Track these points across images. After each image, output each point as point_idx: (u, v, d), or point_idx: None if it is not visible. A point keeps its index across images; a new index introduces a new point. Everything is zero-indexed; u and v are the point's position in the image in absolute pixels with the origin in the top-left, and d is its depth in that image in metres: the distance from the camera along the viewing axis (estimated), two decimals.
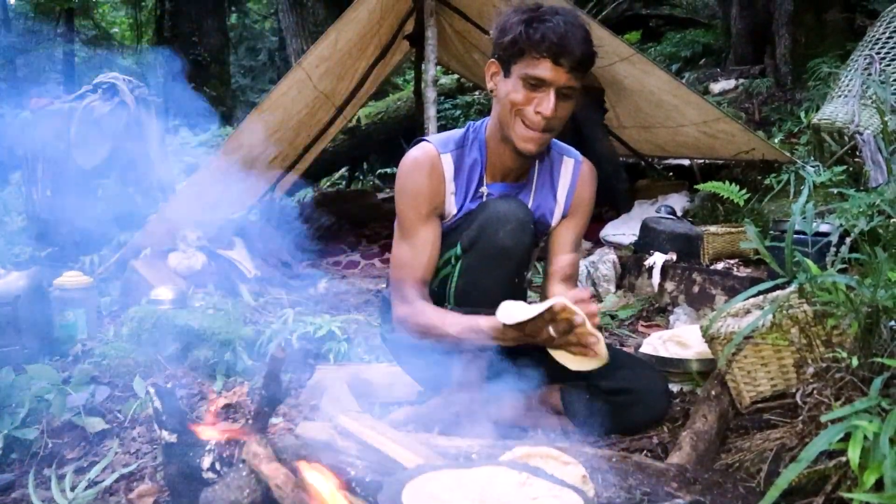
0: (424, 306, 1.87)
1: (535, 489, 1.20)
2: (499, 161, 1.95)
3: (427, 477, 1.21)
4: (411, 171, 1.92)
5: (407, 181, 1.92)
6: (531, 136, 1.81)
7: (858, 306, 1.65)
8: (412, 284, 1.90)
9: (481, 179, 1.96)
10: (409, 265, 1.91)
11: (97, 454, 2.16)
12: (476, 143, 1.96)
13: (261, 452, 1.25)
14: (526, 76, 1.76)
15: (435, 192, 1.92)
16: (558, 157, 2.05)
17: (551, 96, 1.76)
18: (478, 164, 1.95)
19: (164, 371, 2.59)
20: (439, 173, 1.92)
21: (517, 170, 1.97)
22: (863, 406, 1.43)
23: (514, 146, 1.85)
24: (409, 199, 1.91)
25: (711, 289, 3.08)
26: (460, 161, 1.94)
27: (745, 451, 1.77)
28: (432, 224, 1.93)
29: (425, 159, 1.92)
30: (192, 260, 3.51)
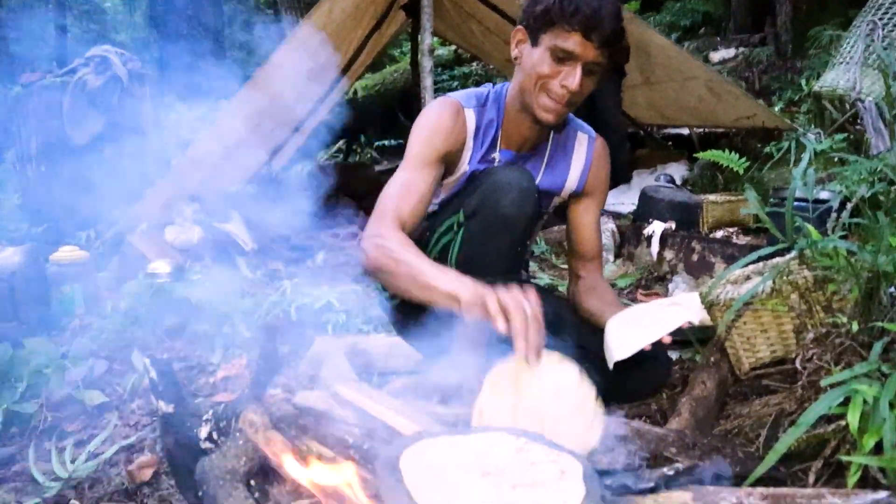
0: (402, 237, 1.73)
1: (533, 454, 1.19)
2: (515, 129, 1.94)
3: (424, 444, 1.20)
4: (437, 111, 1.89)
5: (429, 118, 1.89)
6: (553, 107, 1.80)
7: (859, 271, 1.64)
8: (395, 217, 1.78)
9: (494, 143, 1.94)
10: (400, 195, 1.81)
11: (97, 427, 2.16)
12: (495, 106, 1.94)
13: (257, 421, 1.24)
14: (554, 48, 1.74)
15: (455, 137, 1.89)
16: (573, 133, 2.05)
17: (578, 71, 1.74)
18: (493, 126, 1.94)
19: (162, 344, 2.59)
20: (462, 123, 1.90)
21: (532, 139, 1.96)
22: (863, 370, 1.42)
23: (534, 115, 1.83)
24: (429, 133, 1.87)
25: (711, 257, 3.07)
26: (480, 119, 1.93)
27: (744, 417, 1.77)
28: (438, 168, 1.88)
29: (452, 106, 1.89)
30: (188, 234, 3.49)
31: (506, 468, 1.15)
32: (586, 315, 2.01)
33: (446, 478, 1.11)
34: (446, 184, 1.99)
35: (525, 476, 1.14)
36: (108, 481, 1.86)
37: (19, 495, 1.83)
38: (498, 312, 1.43)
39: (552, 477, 1.14)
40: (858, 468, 1.37)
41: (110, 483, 1.85)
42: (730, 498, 1.25)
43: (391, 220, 1.77)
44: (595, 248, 2.13)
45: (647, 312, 1.86)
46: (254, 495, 1.16)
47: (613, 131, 4.47)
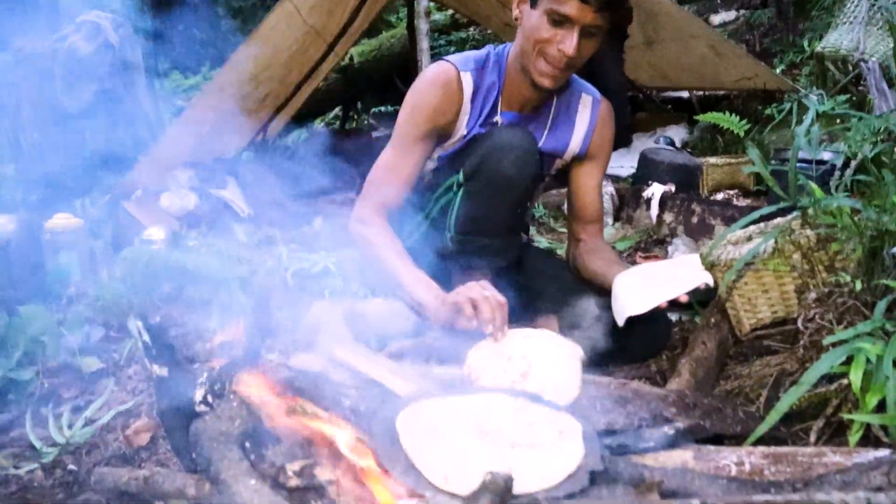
0: (383, 228, 1.88)
1: (532, 415, 1.18)
2: (516, 90, 1.90)
3: (422, 405, 1.19)
4: (424, 86, 1.89)
5: (417, 94, 1.89)
6: (550, 72, 1.78)
7: (863, 230, 1.62)
8: (380, 200, 1.90)
9: (496, 106, 1.91)
10: (385, 178, 1.90)
11: (93, 393, 2.15)
12: (496, 68, 1.91)
13: (251, 382, 1.23)
14: (551, 11, 1.70)
15: (443, 112, 1.87)
16: (577, 94, 2.01)
17: (574, 35, 1.70)
18: (494, 89, 1.90)
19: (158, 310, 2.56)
20: (455, 92, 1.87)
21: (533, 101, 1.93)
22: (866, 328, 1.41)
23: (532, 79, 1.81)
24: (412, 111, 1.88)
25: (711, 219, 3.04)
26: (479, 81, 1.90)
27: (745, 378, 1.76)
28: (425, 145, 1.89)
29: (442, 76, 1.87)
30: (184, 200, 3.46)
31: (504, 428, 1.14)
32: (589, 276, 1.99)
33: (443, 438, 1.09)
34: (445, 147, 1.95)
35: (523, 436, 1.12)
36: (105, 446, 1.86)
37: (17, 461, 1.83)
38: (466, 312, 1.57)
39: (551, 437, 1.12)
40: (860, 427, 1.36)
41: (108, 448, 1.84)
42: (731, 457, 1.24)
43: (375, 206, 1.88)
44: (597, 212, 2.11)
45: (657, 271, 1.84)
46: (249, 457, 1.14)
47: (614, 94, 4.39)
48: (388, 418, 1.13)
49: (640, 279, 1.82)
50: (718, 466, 1.21)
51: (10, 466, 1.78)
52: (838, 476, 1.11)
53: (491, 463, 0.95)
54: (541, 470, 1.03)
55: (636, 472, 1.12)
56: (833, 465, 1.20)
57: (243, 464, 1.09)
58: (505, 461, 1.04)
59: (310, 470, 1.08)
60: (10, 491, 1.67)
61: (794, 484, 1.11)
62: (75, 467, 1.77)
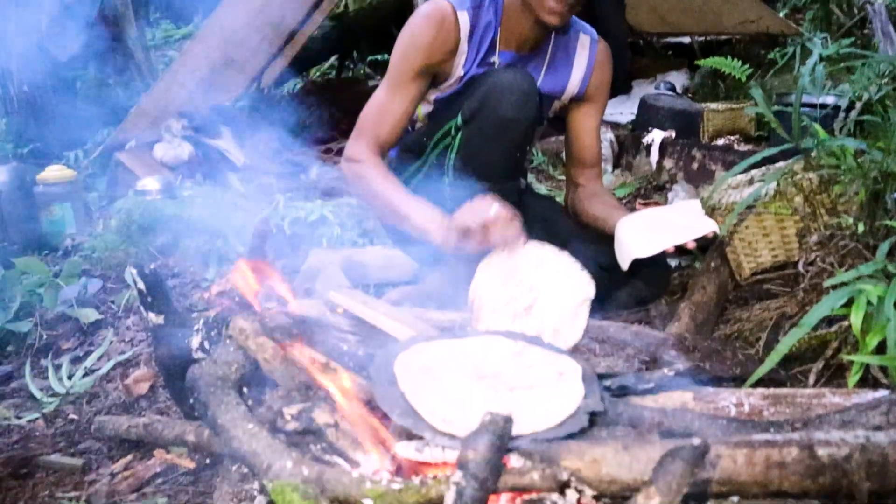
0: (378, 165, 1.82)
1: (531, 357, 1.17)
2: (515, 28, 1.85)
3: (419, 348, 1.18)
4: (419, 22, 1.82)
5: (411, 31, 1.83)
6: (559, 9, 1.72)
7: (867, 171, 1.60)
8: (372, 138, 1.83)
9: (493, 45, 1.86)
10: (378, 117, 1.84)
11: (92, 344, 2.15)
12: (492, 6, 1.85)
13: (248, 328, 1.22)
14: None
15: (438, 49, 1.81)
16: (575, 34, 1.97)
17: None
18: (491, 28, 1.85)
19: (155, 261, 2.55)
20: (451, 30, 1.81)
21: (532, 40, 1.88)
22: (867, 270, 1.39)
23: (538, 17, 1.76)
24: (406, 48, 1.82)
25: (711, 165, 3.01)
26: (476, 21, 1.84)
27: (744, 321, 1.76)
28: (419, 83, 1.84)
29: (437, 13, 1.81)
30: (178, 150, 3.41)
31: (503, 371, 1.13)
32: (588, 221, 1.97)
33: (441, 381, 1.09)
34: (441, 89, 1.91)
35: (522, 378, 1.12)
36: (105, 396, 1.86)
37: (18, 411, 1.83)
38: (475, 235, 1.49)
39: (550, 379, 1.12)
40: (860, 368, 1.36)
41: (108, 397, 1.85)
42: (730, 398, 1.24)
43: (369, 144, 1.82)
44: (595, 155, 2.08)
45: (660, 217, 1.81)
46: (246, 402, 1.14)
47: (614, 39, 4.31)
48: (387, 362, 1.12)
49: (644, 224, 1.79)
50: (718, 407, 1.21)
51: (12, 417, 1.78)
52: (837, 416, 1.10)
53: (490, 405, 0.94)
54: (540, 411, 1.03)
55: (636, 414, 1.12)
56: (832, 405, 1.20)
57: (241, 408, 1.08)
58: (504, 403, 1.04)
59: (308, 413, 1.07)
60: (12, 440, 1.68)
61: (794, 424, 1.11)
62: (76, 416, 1.77)
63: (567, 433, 1.02)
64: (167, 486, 1.40)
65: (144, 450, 1.51)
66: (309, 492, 0.94)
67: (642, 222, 1.80)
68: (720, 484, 0.95)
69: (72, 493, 1.44)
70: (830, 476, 0.94)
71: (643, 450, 0.97)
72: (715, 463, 0.94)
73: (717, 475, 0.94)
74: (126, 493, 1.40)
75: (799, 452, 0.94)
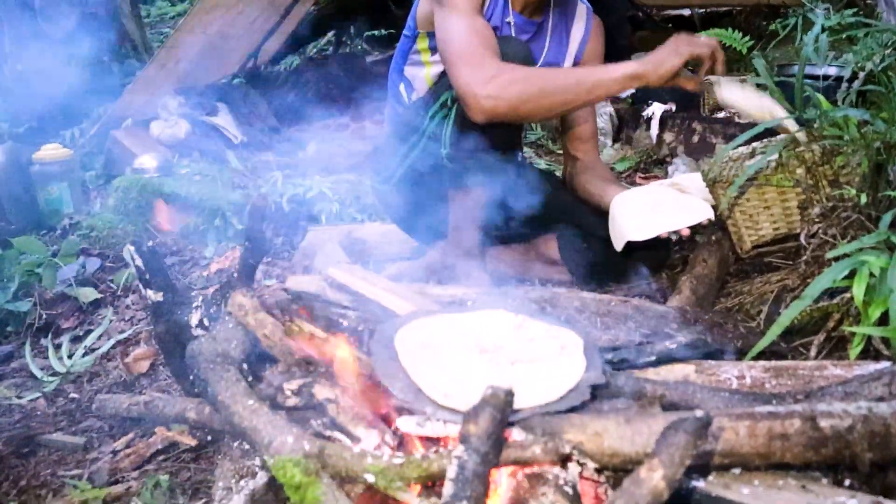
0: (518, 66, 1.61)
1: (532, 331, 1.16)
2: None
3: (420, 323, 1.18)
4: None
5: None
6: None
7: (870, 142, 1.58)
8: (489, 51, 1.61)
9: (507, 5, 1.83)
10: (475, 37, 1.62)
11: (92, 323, 2.15)
12: None
13: (247, 304, 1.21)
14: None
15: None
16: (573, 3, 1.95)
17: None
18: None
19: (153, 239, 2.54)
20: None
21: (533, 4, 1.85)
22: (870, 241, 1.38)
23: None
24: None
25: (712, 138, 2.99)
26: None
27: (745, 294, 1.75)
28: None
29: None
30: (174, 128, 3.39)
31: (504, 345, 1.12)
32: (585, 196, 1.96)
33: (442, 355, 1.08)
34: None
35: (524, 352, 1.11)
36: (105, 374, 1.86)
37: (19, 390, 1.83)
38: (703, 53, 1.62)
39: (552, 352, 1.11)
40: (861, 340, 1.35)
41: (108, 376, 1.85)
42: (732, 371, 1.23)
43: (491, 58, 1.60)
44: (591, 126, 2.06)
45: (658, 196, 1.80)
46: (247, 378, 1.13)
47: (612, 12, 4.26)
48: (387, 337, 1.12)
49: (640, 202, 1.78)
50: (720, 380, 1.20)
51: (13, 396, 1.78)
52: (839, 388, 1.10)
53: (491, 379, 0.93)
54: (542, 385, 1.02)
55: (638, 386, 1.12)
56: (834, 377, 1.19)
57: (241, 384, 1.08)
58: (506, 377, 1.03)
59: (308, 389, 1.07)
60: (13, 420, 1.68)
61: (796, 396, 1.11)
62: (77, 395, 1.77)
63: (569, 406, 1.01)
64: (169, 464, 1.40)
65: (145, 427, 1.51)
66: (310, 467, 0.94)
67: (639, 200, 1.78)
68: (723, 456, 0.94)
69: (74, 471, 1.44)
70: (833, 447, 0.93)
71: (645, 423, 0.97)
72: (717, 435, 0.93)
73: (720, 447, 0.94)
74: (128, 471, 1.40)
75: (801, 424, 0.94)
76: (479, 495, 0.82)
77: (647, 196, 1.82)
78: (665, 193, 1.83)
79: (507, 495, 0.94)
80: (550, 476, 0.91)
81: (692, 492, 0.94)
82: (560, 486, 0.89)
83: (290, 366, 1.13)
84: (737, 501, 0.91)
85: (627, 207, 1.76)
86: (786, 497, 0.91)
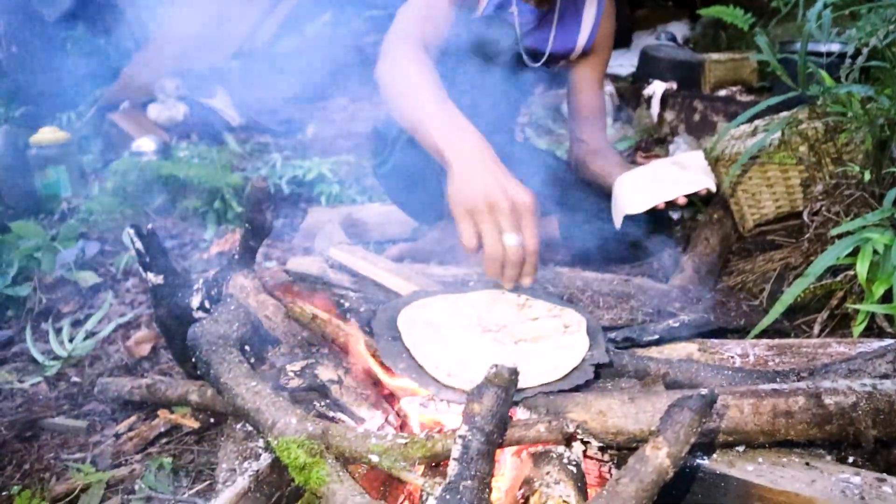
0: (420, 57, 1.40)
1: (535, 310, 1.16)
2: None
3: (422, 303, 1.17)
4: None
5: None
6: None
7: (874, 118, 1.57)
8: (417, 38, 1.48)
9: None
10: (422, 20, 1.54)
11: (92, 307, 2.14)
12: None
13: (248, 285, 1.20)
14: None
15: None
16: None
17: None
18: None
19: (153, 222, 2.53)
20: None
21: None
22: (874, 218, 1.37)
23: None
24: None
25: (713, 116, 2.97)
26: None
27: (748, 273, 1.74)
28: None
29: None
30: (172, 111, 3.37)
31: (507, 324, 1.12)
32: (590, 177, 1.95)
33: (445, 335, 1.08)
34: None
35: (527, 331, 1.10)
36: (107, 358, 1.86)
37: (21, 375, 1.83)
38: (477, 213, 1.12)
39: (555, 331, 1.11)
40: (865, 317, 1.35)
41: (110, 359, 1.85)
42: (735, 349, 1.23)
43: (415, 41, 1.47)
44: (598, 109, 2.05)
45: (658, 172, 1.79)
46: (249, 360, 1.13)
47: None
48: (389, 317, 1.11)
49: (641, 180, 1.77)
50: (723, 358, 1.20)
51: (14, 381, 1.78)
52: (843, 365, 1.10)
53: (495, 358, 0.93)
54: (546, 364, 1.02)
55: (641, 365, 1.11)
56: (837, 355, 1.19)
57: (243, 366, 1.07)
58: (509, 356, 1.03)
59: (311, 370, 1.06)
60: (15, 404, 1.67)
61: (799, 374, 1.10)
62: (78, 379, 1.77)
63: (573, 385, 1.01)
64: (172, 446, 1.40)
65: (148, 410, 1.51)
66: (314, 448, 0.93)
67: (640, 178, 1.77)
68: (727, 434, 0.94)
69: (77, 454, 1.44)
70: (837, 424, 0.93)
71: (649, 401, 0.96)
72: (722, 413, 0.93)
73: (724, 425, 0.93)
74: (131, 454, 1.40)
75: (806, 401, 0.94)
76: (483, 475, 0.82)
77: (650, 172, 1.81)
78: (665, 169, 1.82)
79: (511, 475, 0.94)
80: (555, 455, 0.91)
81: (697, 469, 0.94)
82: (564, 465, 0.89)
83: (293, 347, 1.12)
84: (741, 479, 0.91)
85: (628, 185, 1.76)
86: (790, 474, 0.91)
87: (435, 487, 0.86)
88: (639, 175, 1.79)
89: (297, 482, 0.93)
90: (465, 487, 0.79)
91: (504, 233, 1.10)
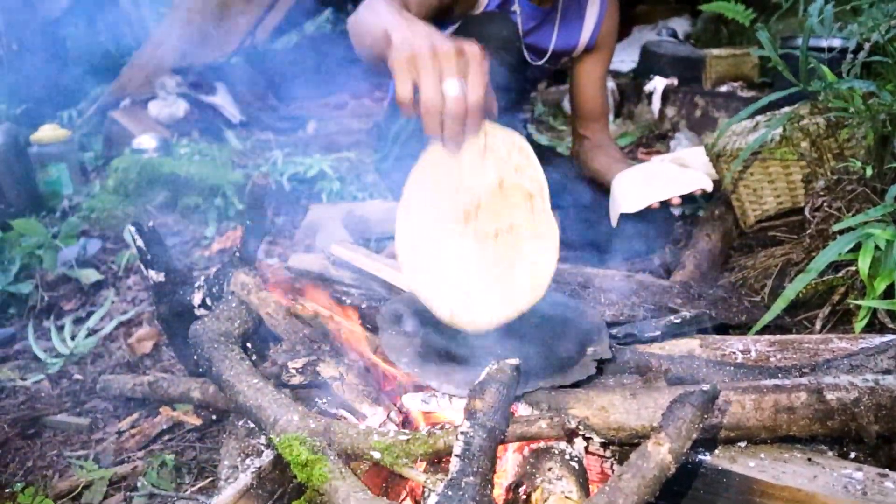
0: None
1: (498, 166, 1.08)
2: None
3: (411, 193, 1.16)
4: None
5: None
6: None
7: (876, 113, 1.56)
8: None
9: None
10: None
11: (94, 304, 2.15)
12: None
13: (249, 283, 1.20)
14: None
15: None
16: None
17: None
18: None
19: (154, 219, 2.53)
20: None
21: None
22: (876, 214, 1.37)
23: None
24: None
25: (714, 112, 2.97)
26: None
27: (749, 269, 1.74)
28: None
29: None
30: (173, 108, 3.36)
31: (482, 203, 1.08)
32: (591, 174, 1.95)
33: (433, 242, 1.08)
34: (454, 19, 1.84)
35: (501, 216, 1.05)
36: (109, 355, 1.86)
37: (23, 372, 1.83)
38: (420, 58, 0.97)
39: (525, 209, 1.06)
40: (867, 312, 1.34)
41: (112, 357, 1.85)
42: (737, 345, 1.23)
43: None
44: (601, 106, 2.05)
45: (655, 171, 1.79)
46: (250, 357, 1.13)
47: None
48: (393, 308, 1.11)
49: (639, 178, 1.77)
50: (725, 354, 1.20)
51: (17, 378, 1.78)
52: (845, 360, 1.10)
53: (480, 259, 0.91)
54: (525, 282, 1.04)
55: (643, 361, 1.11)
56: (839, 350, 1.19)
57: (245, 363, 1.07)
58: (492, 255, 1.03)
59: (312, 367, 1.06)
60: (18, 401, 1.68)
61: (801, 369, 1.10)
62: (81, 377, 1.77)
63: (575, 381, 1.01)
64: (174, 443, 1.40)
65: (150, 407, 1.51)
66: (316, 445, 0.93)
67: (639, 176, 1.77)
68: (729, 429, 0.94)
69: (79, 451, 1.45)
70: (839, 420, 0.93)
71: (651, 397, 0.96)
72: (724, 408, 0.93)
73: (726, 420, 0.94)
74: (133, 451, 1.40)
75: (808, 397, 0.94)
76: (485, 471, 0.82)
77: (650, 169, 1.81)
78: (663, 168, 1.82)
79: (513, 470, 0.94)
80: (557, 451, 0.91)
81: (699, 465, 0.94)
82: (566, 461, 0.89)
83: (295, 344, 1.13)
84: (743, 474, 0.91)
85: (626, 183, 1.76)
86: (792, 470, 0.91)
87: (437, 484, 0.86)
88: (636, 174, 1.79)
89: (299, 479, 0.93)
90: (467, 483, 0.79)
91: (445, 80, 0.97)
